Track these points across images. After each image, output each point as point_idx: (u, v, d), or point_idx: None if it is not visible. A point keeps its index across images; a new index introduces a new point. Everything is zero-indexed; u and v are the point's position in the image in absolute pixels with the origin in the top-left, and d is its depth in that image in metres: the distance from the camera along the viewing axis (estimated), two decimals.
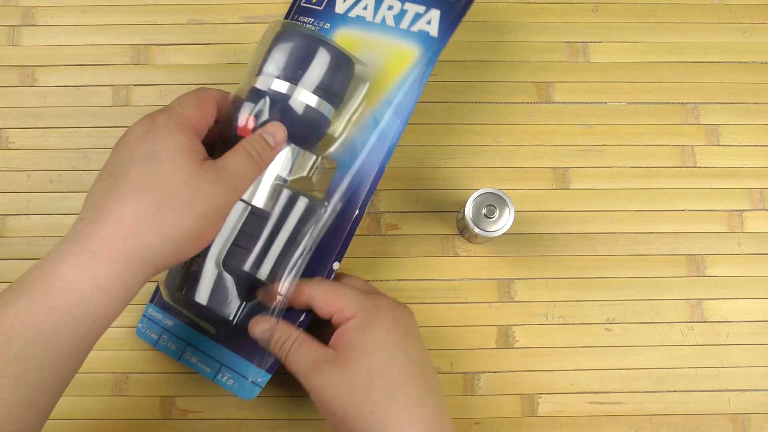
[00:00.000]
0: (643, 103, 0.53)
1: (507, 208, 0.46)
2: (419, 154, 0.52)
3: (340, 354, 0.39)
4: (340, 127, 0.46)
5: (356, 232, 0.50)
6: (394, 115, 0.45)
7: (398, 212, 0.51)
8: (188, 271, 0.42)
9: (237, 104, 0.42)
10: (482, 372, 0.49)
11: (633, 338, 0.50)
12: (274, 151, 0.41)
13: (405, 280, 0.50)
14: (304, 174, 0.44)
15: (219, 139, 0.42)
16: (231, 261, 0.42)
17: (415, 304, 0.50)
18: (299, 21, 0.49)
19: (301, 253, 0.43)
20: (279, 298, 0.42)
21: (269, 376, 0.44)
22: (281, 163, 0.42)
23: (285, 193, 0.42)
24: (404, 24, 0.47)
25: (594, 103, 0.53)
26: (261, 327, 0.42)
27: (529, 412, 0.49)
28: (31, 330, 0.32)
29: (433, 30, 0.46)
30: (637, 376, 0.49)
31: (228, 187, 0.38)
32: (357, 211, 0.44)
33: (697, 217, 0.52)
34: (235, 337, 0.45)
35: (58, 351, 0.33)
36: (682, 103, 0.53)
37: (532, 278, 0.50)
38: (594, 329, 0.50)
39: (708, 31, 0.54)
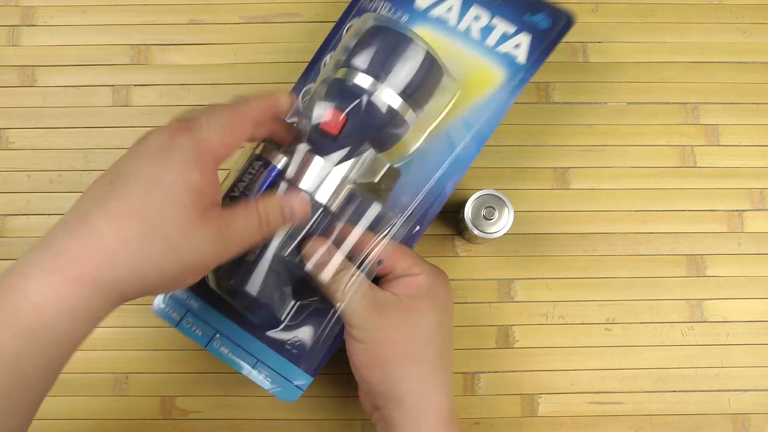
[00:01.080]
0: (643, 103, 0.53)
1: (506, 210, 0.46)
2: None
3: (404, 302, 0.40)
4: (414, 138, 0.43)
5: None
6: (471, 139, 0.43)
7: None
8: (242, 260, 0.40)
9: (317, 96, 0.41)
10: (482, 372, 0.49)
11: (633, 338, 0.50)
12: (285, 224, 0.39)
13: None
14: (374, 179, 0.41)
15: (291, 139, 0.41)
16: (292, 258, 0.40)
17: None
18: (375, 7, 0.46)
19: (369, 261, 0.41)
20: (337, 304, 0.40)
21: (311, 379, 0.43)
22: (355, 164, 0.40)
23: (359, 198, 0.40)
24: (490, 41, 0.44)
25: (594, 103, 0.53)
26: (318, 251, 0.40)
27: (529, 412, 0.49)
28: None
29: (521, 56, 0.44)
30: (637, 376, 0.49)
31: (223, 247, 0.35)
32: (417, 227, 0.43)
33: (697, 217, 0.52)
34: (280, 337, 0.43)
35: (25, 376, 0.31)
36: (682, 103, 0.53)
37: (532, 278, 0.50)
38: (594, 329, 0.50)
39: (708, 31, 0.54)
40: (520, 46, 0.44)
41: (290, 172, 0.40)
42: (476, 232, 0.46)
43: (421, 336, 0.40)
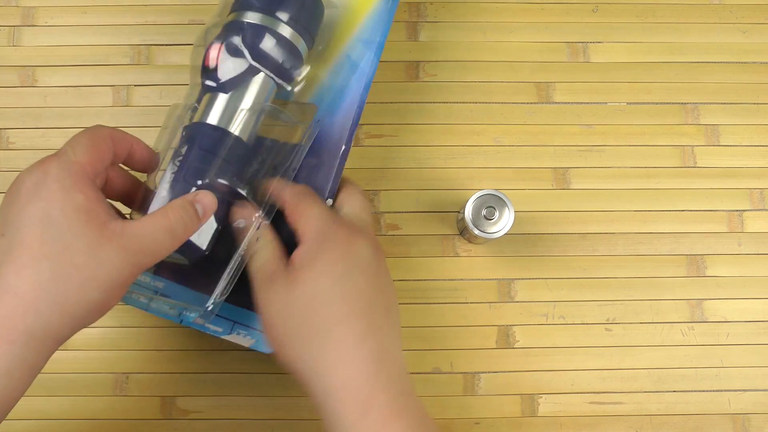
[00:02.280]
0: (643, 103, 0.53)
1: (507, 210, 0.46)
2: (419, 154, 0.52)
3: (290, 273, 0.38)
4: (317, 72, 0.45)
5: None
6: (366, 50, 0.45)
7: (398, 212, 0.51)
8: (149, 192, 0.40)
9: (207, 37, 0.41)
10: (482, 372, 0.49)
11: (633, 338, 0.50)
12: (200, 222, 0.38)
13: (405, 280, 0.50)
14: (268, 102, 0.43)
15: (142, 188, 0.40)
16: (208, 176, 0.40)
17: (415, 304, 0.50)
18: None
19: (285, 171, 0.42)
20: (257, 215, 0.40)
21: None
22: (256, 96, 0.41)
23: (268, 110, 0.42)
24: None
25: (594, 103, 0.53)
26: (240, 213, 0.40)
27: (529, 412, 0.49)
28: None
29: None
30: (637, 376, 0.49)
31: (135, 260, 0.34)
32: (343, 146, 0.44)
33: (697, 217, 0.52)
34: (247, 294, 0.43)
35: None
36: (682, 103, 0.53)
37: (532, 278, 0.50)
38: (594, 329, 0.50)
39: (708, 31, 0.54)
40: None
41: (197, 115, 0.41)
42: (476, 232, 0.46)
43: (302, 311, 0.37)
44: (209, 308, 0.40)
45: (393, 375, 0.37)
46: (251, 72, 0.41)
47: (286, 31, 0.42)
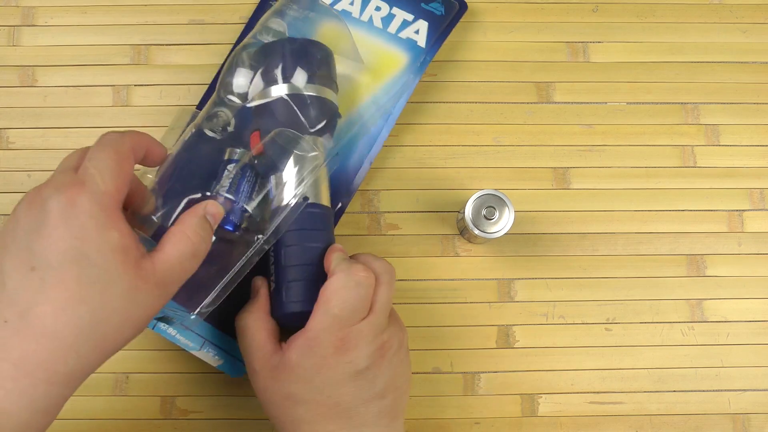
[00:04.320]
0: (643, 103, 0.53)
1: (507, 209, 0.46)
2: (419, 154, 0.52)
3: (279, 362, 0.40)
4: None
5: (356, 233, 0.51)
6: (380, 118, 0.47)
7: (398, 212, 0.51)
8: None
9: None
10: (482, 372, 0.49)
11: (633, 338, 0.50)
12: (212, 234, 0.37)
13: (405, 280, 0.50)
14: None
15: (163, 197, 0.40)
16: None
17: (415, 304, 0.50)
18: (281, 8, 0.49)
19: (292, 199, 0.42)
20: (258, 237, 0.40)
21: None
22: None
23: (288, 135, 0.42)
24: (392, 29, 0.48)
25: (594, 103, 0.53)
26: (255, 283, 0.43)
27: (529, 412, 0.49)
28: None
29: (421, 40, 0.49)
30: (637, 376, 0.49)
31: (166, 293, 0.35)
32: (339, 204, 0.46)
33: (697, 217, 0.52)
34: (222, 315, 0.44)
35: None
36: (682, 103, 0.53)
37: (532, 278, 0.50)
38: (594, 329, 0.50)
39: (708, 31, 0.54)
40: (420, 31, 0.49)
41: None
42: (476, 232, 0.46)
43: (288, 401, 0.39)
44: (192, 317, 0.40)
45: None
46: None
47: (313, 89, 0.42)
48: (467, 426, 0.48)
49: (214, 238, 0.39)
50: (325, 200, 0.43)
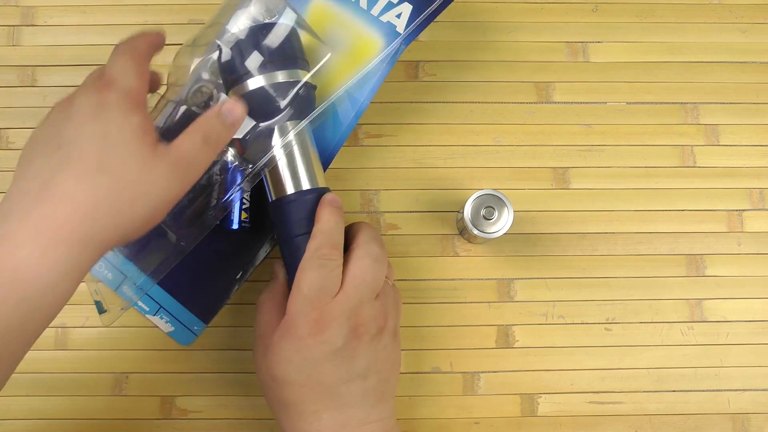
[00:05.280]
0: (642, 103, 0.53)
1: (506, 209, 0.46)
2: (419, 154, 0.52)
3: (270, 342, 0.40)
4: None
5: None
6: (350, 106, 0.46)
7: (398, 212, 0.51)
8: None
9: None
10: (482, 372, 0.49)
11: (633, 338, 0.50)
12: (230, 132, 0.40)
13: (405, 280, 0.50)
14: (240, 136, 0.43)
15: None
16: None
17: (415, 304, 0.50)
18: None
19: (215, 204, 0.43)
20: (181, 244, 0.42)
21: (204, 326, 0.47)
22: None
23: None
24: (375, 10, 0.46)
25: (594, 103, 0.53)
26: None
27: (528, 411, 0.49)
28: (3, 326, 0.32)
29: (401, 25, 0.46)
30: (636, 376, 0.49)
31: (182, 177, 0.37)
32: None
33: (696, 217, 0.52)
34: (177, 283, 0.46)
35: (26, 337, 0.33)
36: (681, 103, 0.53)
37: (531, 278, 0.50)
38: (594, 329, 0.50)
39: (708, 31, 0.54)
40: (402, 15, 0.46)
41: None
42: (476, 232, 0.46)
43: (276, 384, 0.40)
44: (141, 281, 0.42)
45: None
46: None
47: (285, 74, 0.42)
48: (467, 426, 0.48)
49: (245, 135, 0.41)
50: (320, 181, 0.43)
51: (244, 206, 0.47)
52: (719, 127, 0.53)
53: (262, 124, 0.42)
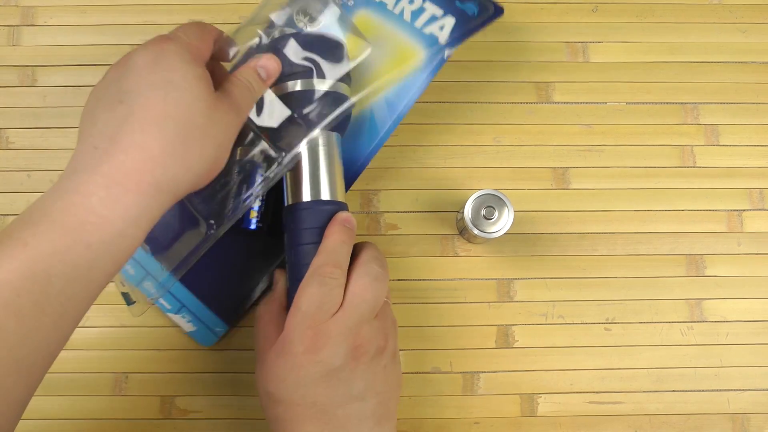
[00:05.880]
0: (642, 103, 0.53)
1: (506, 209, 0.46)
2: (419, 154, 0.52)
3: (267, 356, 0.40)
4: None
5: (356, 232, 0.50)
6: (388, 111, 0.46)
7: (398, 212, 0.51)
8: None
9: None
10: (482, 372, 0.49)
11: (632, 338, 0.50)
12: (266, 84, 0.41)
13: (405, 280, 0.50)
14: (274, 125, 0.43)
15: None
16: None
17: (415, 304, 0.50)
18: None
19: (248, 197, 0.43)
20: (209, 232, 0.42)
21: (227, 328, 0.47)
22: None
23: (248, 134, 0.43)
24: (419, 23, 0.47)
25: (594, 103, 0.53)
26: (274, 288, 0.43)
27: (528, 411, 0.49)
28: (70, 268, 0.32)
29: (443, 37, 0.47)
30: (636, 376, 0.49)
31: (237, 118, 0.38)
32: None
33: (696, 217, 0.52)
34: (200, 283, 0.46)
35: (93, 286, 0.33)
36: (681, 103, 0.53)
37: (531, 278, 0.50)
38: (593, 329, 0.50)
39: (708, 31, 0.54)
40: (444, 27, 0.47)
41: None
42: (476, 231, 0.46)
43: (271, 400, 0.39)
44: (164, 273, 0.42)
45: None
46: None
47: (334, 86, 0.42)
48: (466, 426, 0.49)
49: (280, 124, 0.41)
50: (340, 195, 0.43)
51: (258, 208, 0.47)
52: (719, 127, 0.53)
53: (296, 117, 0.42)
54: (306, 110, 0.42)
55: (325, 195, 0.42)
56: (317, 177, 0.42)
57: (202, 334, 0.47)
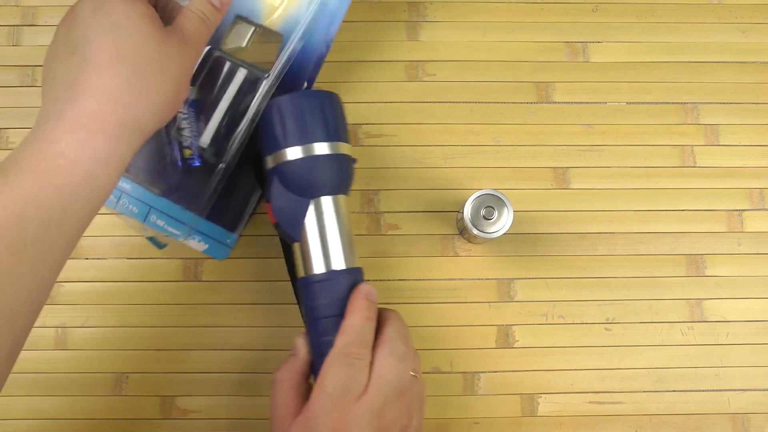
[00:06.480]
0: (642, 103, 0.53)
1: (506, 209, 0.46)
2: (419, 154, 0.52)
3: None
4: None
5: (356, 233, 0.51)
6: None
7: (398, 212, 0.51)
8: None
9: None
10: (482, 372, 0.49)
11: (633, 338, 0.50)
12: (220, 12, 0.41)
13: (405, 280, 0.50)
14: (243, 44, 0.45)
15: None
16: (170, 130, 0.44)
17: (415, 304, 0.50)
18: None
19: (246, 123, 0.44)
20: (220, 165, 0.45)
21: (235, 237, 0.47)
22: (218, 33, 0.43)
23: (225, 66, 0.44)
24: None
25: (594, 103, 0.53)
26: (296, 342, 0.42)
27: (528, 411, 0.49)
28: (43, 212, 0.32)
29: None
30: (636, 376, 0.49)
31: (192, 50, 0.39)
32: (305, 84, 0.46)
33: (696, 217, 0.52)
34: (199, 203, 0.47)
35: (68, 230, 0.34)
36: (681, 103, 0.53)
37: (531, 278, 0.50)
38: (594, 329, 0.50)
39: (708, 31, 0.54)
40: None
41: None
42: (476, 231, 0.46)
43: None
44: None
45: None
46: None
47: (337, 147, 0.42)
48: (467, 426, 0.48)
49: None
50: (354, 260, 0.42)
51: (184, 145, 0.47)
52: (719, 127, 0.53)
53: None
54: (309, 179, 0.42)
55: (338, 264, 0.41)
56: (327, 246, 0.41)
57: (215, 249, 0.47)
